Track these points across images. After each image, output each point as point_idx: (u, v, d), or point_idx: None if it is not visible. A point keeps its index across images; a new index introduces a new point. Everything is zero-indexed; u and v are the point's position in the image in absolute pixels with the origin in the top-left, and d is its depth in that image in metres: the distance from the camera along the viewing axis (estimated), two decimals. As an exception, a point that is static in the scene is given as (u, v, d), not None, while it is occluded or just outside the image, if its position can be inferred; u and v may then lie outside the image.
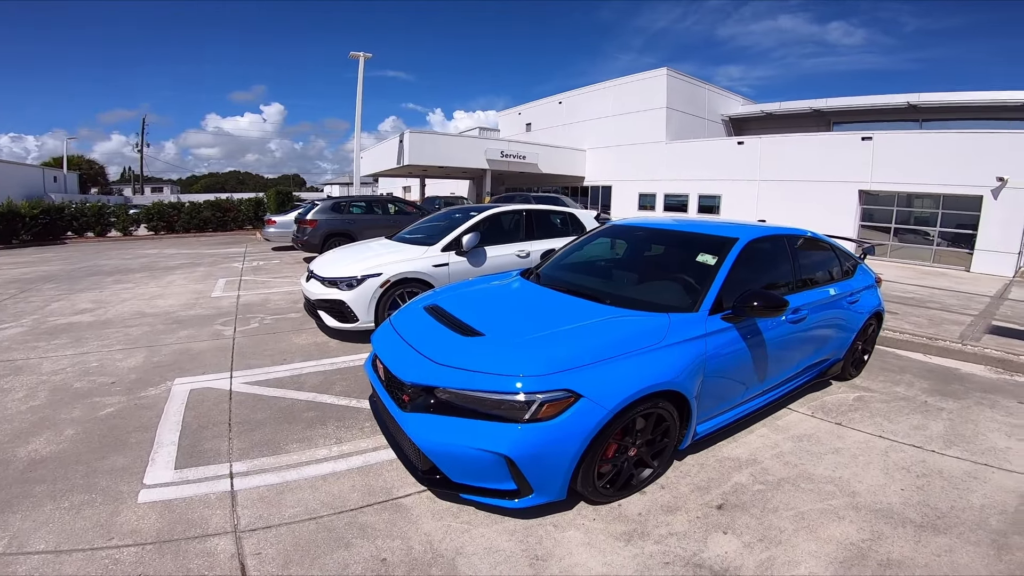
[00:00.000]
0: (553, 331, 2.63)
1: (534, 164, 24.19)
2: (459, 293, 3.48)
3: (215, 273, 9.73)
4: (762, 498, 2.74)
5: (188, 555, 2.23)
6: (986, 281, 12.46)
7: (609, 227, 4.31)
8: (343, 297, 4.93)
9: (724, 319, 2.92)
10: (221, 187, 68.31)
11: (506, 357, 2.43)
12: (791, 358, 3.56)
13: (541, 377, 2.28)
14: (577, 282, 3.52)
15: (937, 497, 2.80)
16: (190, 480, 2.80)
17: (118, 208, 18.80)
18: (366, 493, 2.69)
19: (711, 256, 3.18)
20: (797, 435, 3.49)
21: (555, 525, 2.47)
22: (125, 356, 4.77)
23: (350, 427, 3.40)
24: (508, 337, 2.61)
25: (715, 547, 2.35)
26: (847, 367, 4.39)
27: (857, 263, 4.63)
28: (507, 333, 2.66)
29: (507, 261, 5.83)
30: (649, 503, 2.68)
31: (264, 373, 4.32)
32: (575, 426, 2.25)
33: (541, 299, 3.21)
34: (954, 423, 3.79)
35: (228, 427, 3.38)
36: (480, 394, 2.29)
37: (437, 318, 2.98)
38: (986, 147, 14.56)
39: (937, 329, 6.42)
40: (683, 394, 2.63)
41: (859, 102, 23.12)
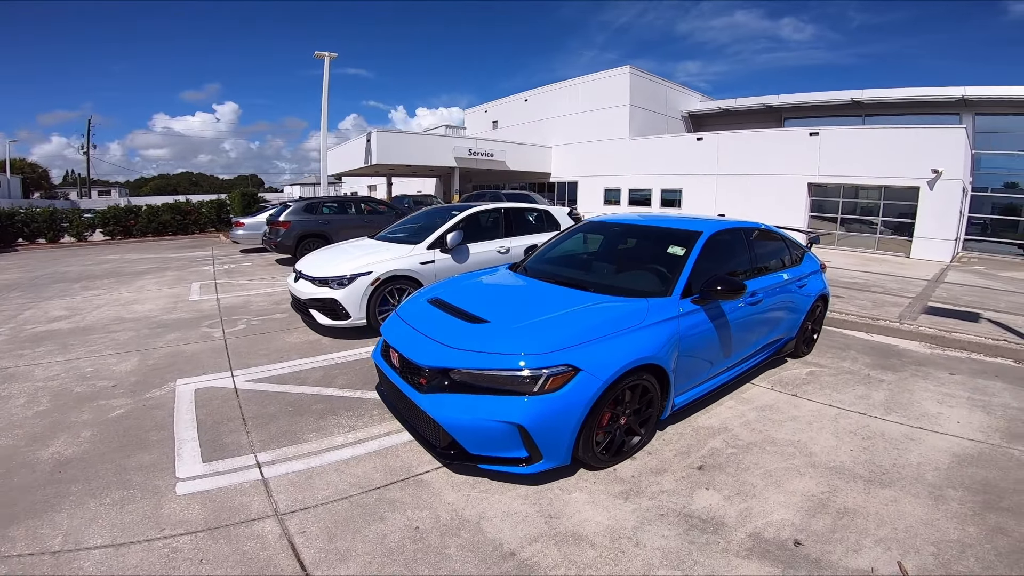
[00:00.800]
0: (549, 316, 2.98)
1: (502, 161, 24.50)
2: (457, 287, 3.77)
3: (187, 277, 9.63)
4: (735, 459, 3.15)
5: (240, 539, 2.41)
6: (924, 266, 13.49)
7: (587, 223, 4.68)
8: (335, 295, 5.12)
9: (693, 302, 3.33)
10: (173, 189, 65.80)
11: (512, 339, 2.76)
12: (751, 337, 4.02)
13: (545, 355, 2.61)
14: (562, 273, 3.87)
15: (881, 456, 3.23)
16: (221, 472, 2.98)
17: (71, 213, 18.07)
18: (388, 473, 2.95)
19: (680, 248, 3.62)
20: (760, 406, 3.95)
21: (562, 489, 2.80)
22: (119, 360, 4.82)
23: (360, 416, 3.64)
24: (511, 322, 2.95)
25: (700, 500, 2.73)
26: (799, 345, 4.91)
27: (805, 251, 5.17)
28: (509, 319, 3.00)
29: (489, 257, 6.12)
30: (640, 467, 3.05)
31: (265, 371, 4.48)
32: (576, 396, 2.59)
33: (532, 289, 3.56)
34: (893, 393, 4.29)
35: (243, 422, 3.56)
36: (493, 372, 2.61)
37: (443, 309, 3.28)
38: (923, 141, 15.68)
39: (879, 310, 7.08)
40: (663, 367, 3.01)
41: (807, 98, 24.30)
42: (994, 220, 19.48)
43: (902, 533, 2.49)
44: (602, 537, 2.43)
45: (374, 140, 20.78)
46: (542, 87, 28.53)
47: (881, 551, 2.36)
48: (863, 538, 2.44)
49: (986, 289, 9.76)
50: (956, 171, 15.23)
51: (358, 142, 23.08)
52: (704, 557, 2.30)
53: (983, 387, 4.49)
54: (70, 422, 3.59)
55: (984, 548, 2.40)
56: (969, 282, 10.78)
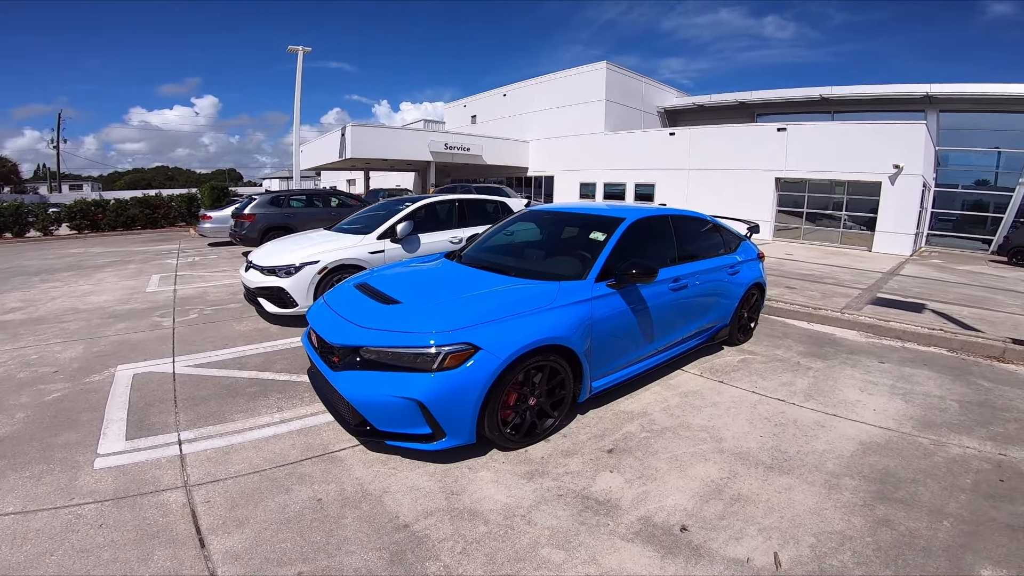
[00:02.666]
0: (459, 297, 3.12)
1: (478, 156, 24.56)
2: (387, 272, 3.90)
3: (148, 269, 9.59)
4: (646, 444, 3.20)
5: (144, 507, 2.53)
6: (884, 259, 13.89)
7: (525, 212, 4.84)
8: (282, 284, 5.21)
9: (609, 286, 3.45)
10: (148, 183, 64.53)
11: (417, 318, 2.89)
12: (677, 323, 4.16)
13: (446, 332, 2.73)
14: (492, 260, 4.00)
15: (788, 443, 3.25)
16: (141, 448, 3.08)
17: (37, 207, 17.75)
18: (305, 449, 3.07)
19: (601, 233, 3.74)
20: (685, 392, 4.03)
21: (470, 467, 2.92)
22: (64, 348, 4.85)
23: (291, 398, 3.74)
24: (420, 303, 3.09)
25: (602, 483, 2.78)
26: (734, 332, 5.05)
27: (741, 240, 5.31)
28: (420, 300, 3.14)
29: (440, 247, 6.23)
30: (551, 449, 3.15)
31: (207, 357, 4.56)
32: (475, 373, 2.70)
33: (457, 274, 3.69)
34: (817, 380, 4.36)
35: (174, 403, 3.65)
36: (397, 349, 2.73)
37: (365, 292, 3.41)
38: (885, 137, 16.08)
39: (825, 301, 7.28)
40: (572, 349, 3.12)
41: (778, 95, 24.71)
42: (963, 216, 20.13)
43: (787, 522, 2.48)
44: (496, 515, 2.52)
45: (348, 134, 20.71)
46: (520, 82, 28.62)
47: (762, 540, 2.35)
48: (748, 526, 2.45)
49: (938, 281, 10.09)
50: (916, 166, 15.67)
51: (333, 136, 22.97)
52: (590, 538, 2.36)
53: (909, 375, 4.58)
54: (7, 404, 3.64)
55: (864, 541, 2.36)
56: (923, 275, 11.14)
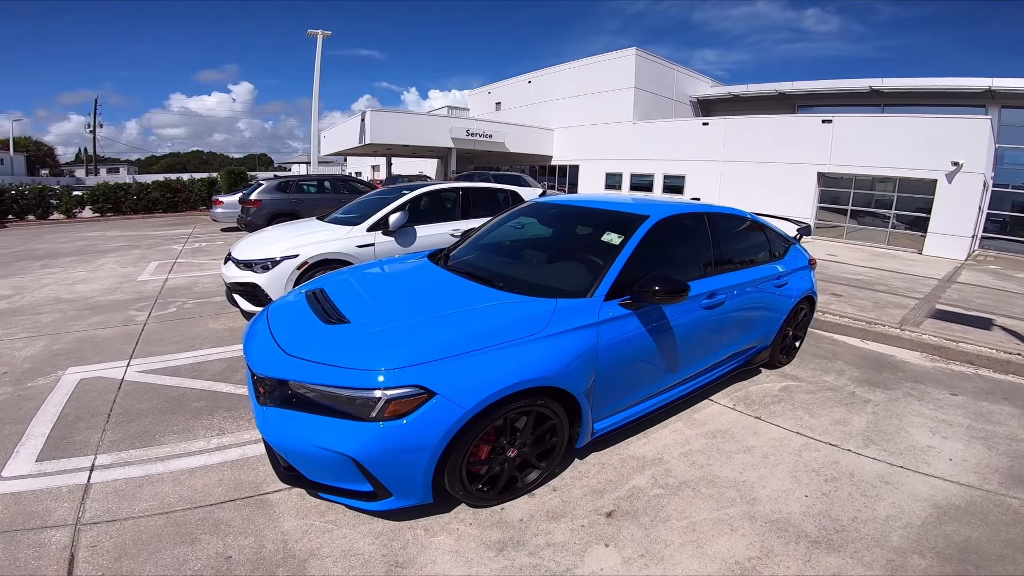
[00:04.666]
0: (422, 319, 2.42)
1: (501, 143, 23.83)
2: (352, 276, 3.26)
3: (150, 256, 9.28)
4: (656, 505, 2.53)
5: (20, 545, 2.11)
6: (937, 264, 12.70)
7: (528, 205, 4.10)
8: (257, 280, 4.67)
9: (623, 305, 2.68)
10: (183, 167, 65.93)
11: (360, 348, 2.23)
12: (708, 346, 3.36)
13: (391, 371, 2.07)
14: (479, 264, 3.31)
15: (841, 506, 2.58)
16: (47, 472, 2.63)
17: (62, 190, 17.88)
18: (232, 488, 2.52)
19: (617, 235, 2.94)
20: (712, 431, 3.27)
21: (426, 529, 2.30)
22: (25, 345, 4.44)
23: (238, 418, 3.20)
24: (370, 326, 2.41)
25: (592, 562, 2.14)
26: (775, 354, 4.20)
27: (790, 244, 4.43)
28: (372, 322, 2.46)
29: (439, 240, 5.61)
30: (535, 508, 2.47)
31: (164, 361, 4.07)
32: (427, 427, 2.04)
33: (434, 283, 2.99)
34: (878, 417, 3.58)
35: (107, 418, 3.15)
36: (329, 389, 2.09)
37: (313, 304, 2.77)
38: (943, 132, 14.74)
39: (879, 313, 6.34)
40: (568, 391, 2.41)
41: (823, 86, 23.19)
42: (1014, 218, 18.49)
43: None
44: (444, 606, 1.91)
45: (368, 120, 20.25)
46: (546, 68, 27.63)
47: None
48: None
49: (1002, 291, 8.98)
50: (978, 164, 14.30)
51: (354, 122, 22.56)
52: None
53: (988, 412, 3.75)
54: (-71, 412, 3.21)
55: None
56: (983, 283, 10.00)
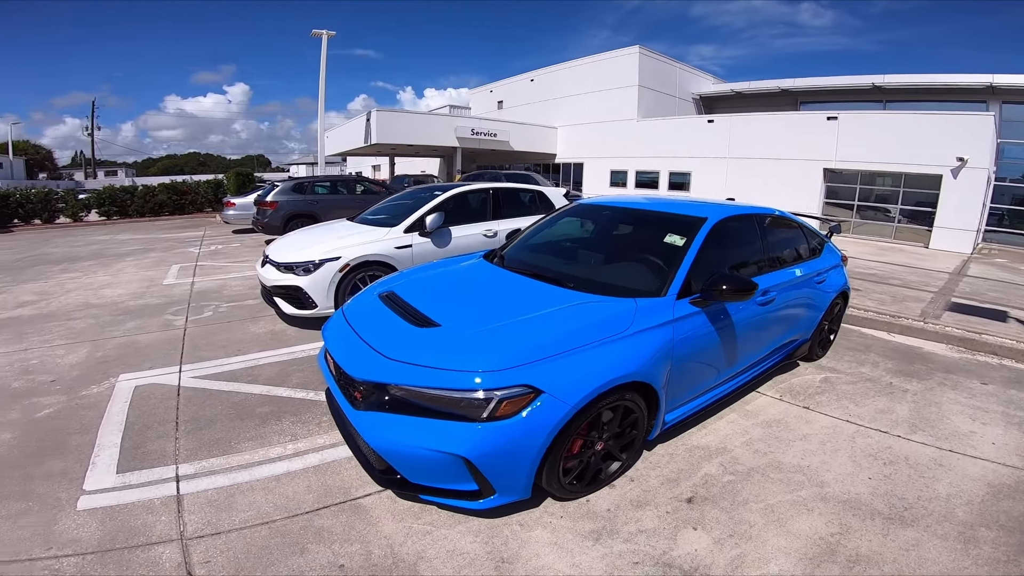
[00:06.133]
0: (512, 320, 2.48)
1: (505, 142, 23.83)
2: (417, 278, 3.31)
3: (169, 259, 9.26)
4: (732, 490, 2.67)
5: (132, 565, 2.08)
6: (944, 258, 12.84)
7: (576, 206, 4.16)
8: (299, 283, 4.69)
9: (692, 303, 2.81)
10: (180, 169, 65.38)
11: (462, 351, 2.28)
12: (760, 340, 3.51)
13: (499, 372, 2.14)
14: (540, 264, 3.37)
15: (904, 486, 2.75)
16: (133, 484, 2.62)
17: (67, 193, 17.76)
18: (322, 494, 2.54)
19: (679, 237, 3.06)
20: (766, 420, 3.44)
21: (521, 524, 2.37)
22: (67, 352, 4.44)
23: (307, 422, 3.22)
24: (465, 328, 2.46)
25: (685, 544, 2.27)
26: (814, 347, 4.38)
27: (824, 241, 4.60)
28: (464, 323, 2.51)
29: (473, 241, 5.65)
30: (618, 498, 2.59)
31: (216, 366, 4.07)
32: (536, 424, 2.12)
33: (502, 284, 3.06)
34: (919, 406, 3.75)
35: (175, 426, 3.16)
36: (435, 392, 2.14)
37: (392, 307, 2.80)
38: (948, 128, 14.85)
39: (899, 306, 6.52)
40: (651, 385, 2.53)
41: (826, 82, 23.34)
42: (1011, 211, 18.63)
43: (926, 588, 2.00)
44: (561, 593, 1.99)
45: (373, 119, 20.20)
46: (549, 67, 27.66)
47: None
48: (879, 597, 1.95)
49: (1012, 284, 9.17)
50: (982, 160, 14.44)
51: (358, 122, 22.50)
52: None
53: (1019, 400, 3.94)
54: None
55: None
56: (993, 276, 10.16)
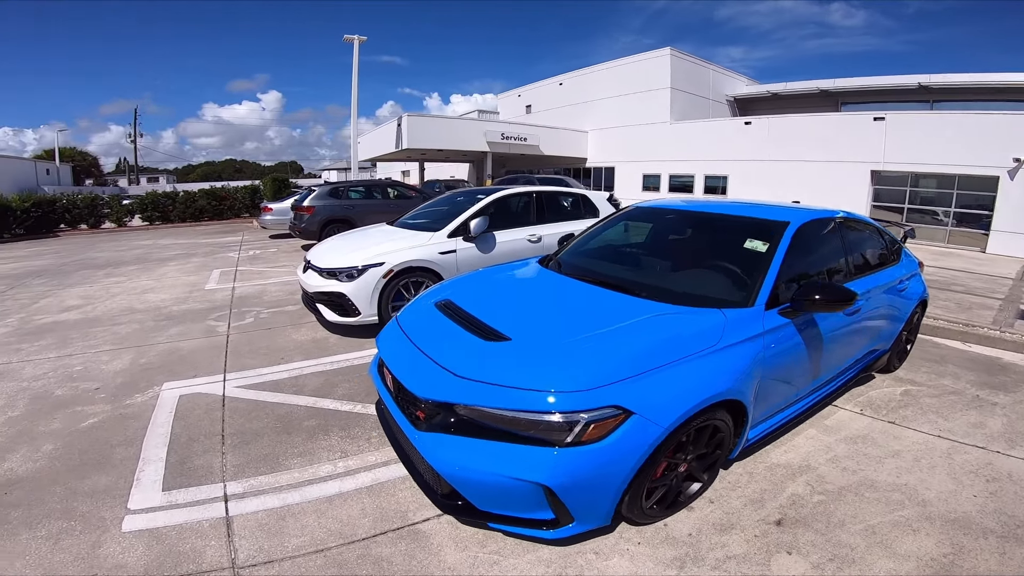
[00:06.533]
0: (591, 333, 2.27)
1: (535, 146, 23.69)
2: (473, 286, 3.13)
3: (210, 264, 9.36)
4: (824, 511, 2.46)
5: None
6: (1004, 263, 12.11)
7: (634, 209, 3.92)
8: (343, 289, 4.57)
9: (781, 314, 2.57)
10: (218, 176, 67.43)
11: (541, 368, 2.07)
12: (844, 352, 3.24)
13: (585, 392, 1.93)
14: (603, 271, 3.15)
15: (1013, 504, 2.54)
16: (179, 504, 2.49)
17: (112, 199, 18.33)
18: (379, 518, 2.37)
19: (760, 242, 2.81)
20: (850, 436, 3.19)
21: (596, 553, 2.15)
22: (111, 358, 4.42)
23: (356, 437, 3.06)
24: (540, 342, 2.25)
25: (780, 570, 2.08)
26: (892, 359, 4.08)
27: (901, 247, 4.29)
28: (538, 337, 2.30)
29: (518, 247, 5.47)
30: (699, 521, 2.37)
31: (260, 375, 3.97)
32: (626, 448, 1.92)
33: (566, 292, 2.85)
34: (1011, 420, 3.47)
35: (221, 439, 3.05)
36: (512, 414, 1.94)
37: (453, 318, 2.62)
38: (1002, 128, 14.12)
39: (968, 315, 6.12)
40: (741, 402, 2.31)
41: (869, 82, 22.56)
42: None
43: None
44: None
45: (404, 125, 20.31)
46: (578, 70, 27.48)
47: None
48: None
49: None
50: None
51: (389, 127, 22.69)
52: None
53: None
54: (37, 432, 3.16)
55: None
56: (1063, 281, 9.48)
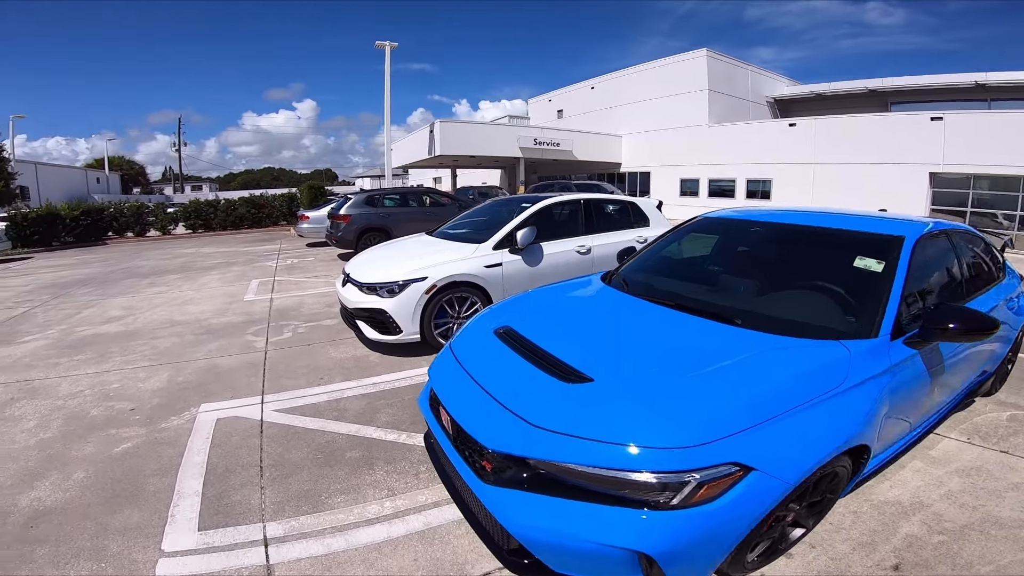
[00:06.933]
0: (694, 373, 1.92)
1: (569, 151, 23.36)
2: (534, 310, 2.81)
3: (249, 273, 9.35)
4: (948, 552, 2.16)
5: None
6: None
7: (706, 221, 3.52)
8: (383, 306, 4.33)
9: (907, 344, 2.18)
10: (256, 184, 69.29)
11: (639, 418, 1.73)
12: (960, 379, 2.84)
13: (697, 448, 1.59)
14: (684, 293, 2.79)
15: None
16: (216, 547, 2.26)
17: (157, 207, 18.85)
18: (432, 569, 2.08)
19: (874, 260, 2.42)
20: (961, 468, 2.81)
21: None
22: (148, 375, 4.29)
23: (403, 472, 2.79)
24: (632, 384, 1.91)
25: None
26: (995, 381, 3.63)
27: (1003, 260, 3.81)
28: (627, 377, 1.96)
29: (567, 258, 5.15)
30: (800, 569, 2.07)
31: (299, 397, 3.76)
32: (743, 509, 1.60)
33: (648, 318, 2.49)
34: None
35: (259, 471, 2.82)
36: (605, 472, 1.62)
37: (519, 350, 2.29)
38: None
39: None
40: (867, 445, 1.97)
41: (921, 81, 21.54)
42: None
43: None
44: None
45: (437, 131, 20.28)
46: (610, 73, 27.09)
47: None
48: None
49: None
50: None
51: (422, 133, 22.72)
52: None
53: None
54: (69, 457, 3.01)
55: None
56: None
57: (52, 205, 16.31)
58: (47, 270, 11.01)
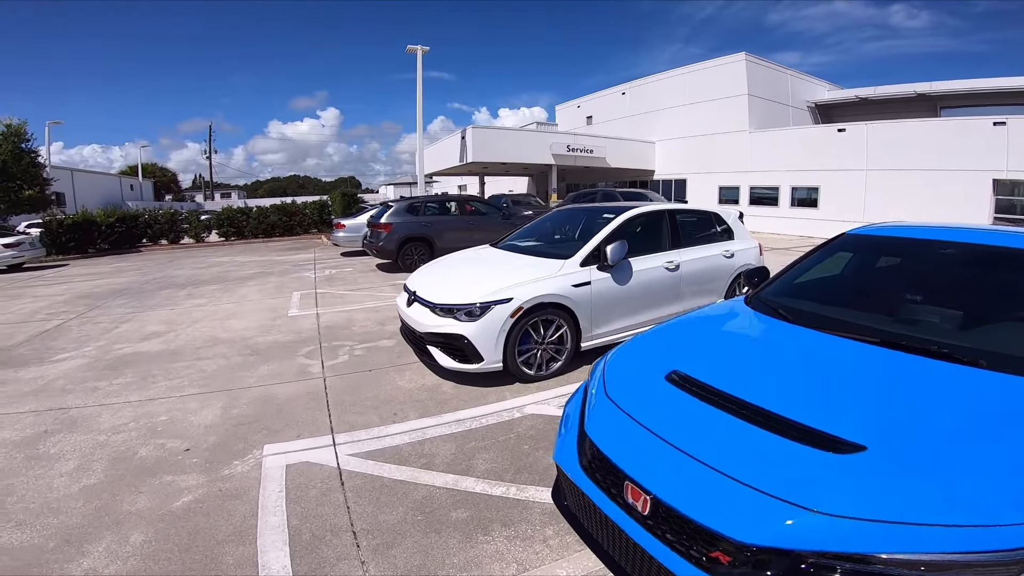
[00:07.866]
0: (976, 434, 1.44)
1: (601, 158, 22.80)
2: (696, 348, 2.27)
3: (288, 284, 8.99)
4: None
5: None
6: None
7: (859, 237, 2.89)
8: (463, 331, 3.80)
9: None
10: (283, 191, 70.06)
11: (980, 493, 1.25)
12: None
13: None
14: (879, 326, 2.21)
15: None
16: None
17: (190, 215, 18.80)
18: None
19: None
20: None
21: None
22: (200, 405, 3.85)
23: (527, 538, 2.27)
24: (917, 456, 1.40)
25: None
26: None
27: None
28: (900, 444, 1.44)
29: (655, 275, 4.60)
30: None
31: (375, 438, 3.26)
32: None
33: (866, 361, 1.91)
34: None
35: (353, 537, 2.32)
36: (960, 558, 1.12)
37: (717, 404, 1.74)
38: None
39: None
40: None
41: (973, 85, 20.49)
42: None
43: None
44: None
45: (469, 137, 19.89)
46: (642, 79, 26.46)
47: None
48: None
49: None
50: None
51: (452, 140, 22.38)
52: None
53: None
54: (122, 512, 2.55)
55: None
56: None
57: (88, 211, 16.31)
58: (82, 278, 10.84)
